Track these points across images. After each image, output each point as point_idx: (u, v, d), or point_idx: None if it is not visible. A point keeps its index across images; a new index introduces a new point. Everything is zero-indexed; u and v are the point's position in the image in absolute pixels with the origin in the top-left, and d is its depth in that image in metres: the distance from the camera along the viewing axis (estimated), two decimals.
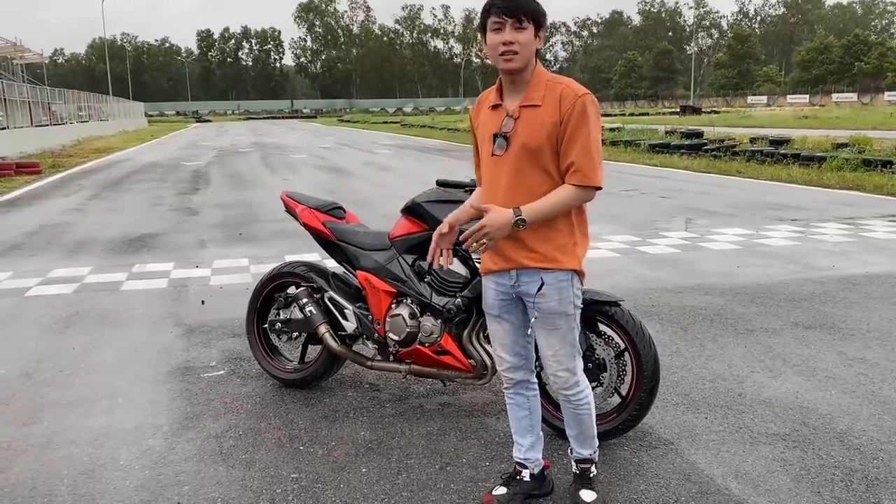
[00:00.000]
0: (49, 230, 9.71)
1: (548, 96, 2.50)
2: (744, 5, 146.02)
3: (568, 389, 2.71)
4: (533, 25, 2.47)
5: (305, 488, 3.03)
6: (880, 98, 71.69)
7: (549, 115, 2.48)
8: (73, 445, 3.45)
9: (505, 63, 2.48)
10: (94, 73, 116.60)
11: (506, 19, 2.44)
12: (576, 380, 2.70)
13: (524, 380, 2.84)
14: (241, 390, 4.09)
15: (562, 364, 2.67)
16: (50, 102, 37.15)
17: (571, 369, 2.68)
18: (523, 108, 2.52)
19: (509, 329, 2.75)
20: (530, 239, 2.54)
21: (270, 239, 8.67)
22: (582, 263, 2.62)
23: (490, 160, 2.60)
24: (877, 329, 4.93)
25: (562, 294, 2.58)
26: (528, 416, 2.88)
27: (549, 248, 2.55)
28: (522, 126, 2.52)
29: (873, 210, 10.07)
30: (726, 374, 4.19)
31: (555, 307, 2.59)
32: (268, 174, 17.61)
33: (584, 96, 2.47)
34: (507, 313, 2.72)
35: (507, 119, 2.55)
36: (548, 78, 2.54)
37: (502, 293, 2.68)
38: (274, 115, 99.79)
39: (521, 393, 2.86)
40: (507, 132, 2.54)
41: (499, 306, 2.71)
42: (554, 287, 2.57)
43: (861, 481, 3.00)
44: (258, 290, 4.20)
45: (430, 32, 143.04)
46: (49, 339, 5.05)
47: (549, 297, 2.58)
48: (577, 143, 2.45)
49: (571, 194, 2.48)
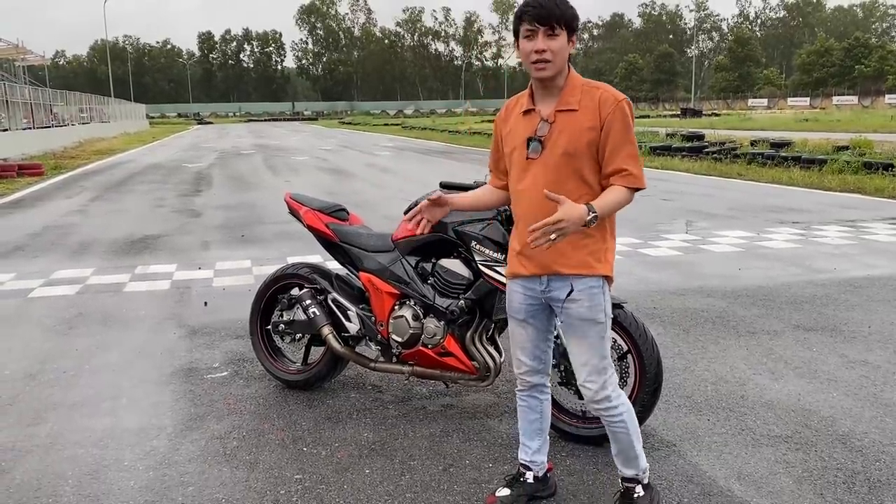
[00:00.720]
0: (52, 231, 9.72)
1: (584, 101, 2.48)
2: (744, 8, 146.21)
3: (598, 403, 2.64)
4: (566, 31, 2.45)
5: (309, 489, 3.04)
6: (881, 101, 71.63)
7: (588, 120, 2.46)
8: (77, 446, 3.46)
9: (537, 72, 2.48)
10: (96, 75, 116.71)
11: (538, 27, 2.43)
12: (606, 394, 2.62)
13: (540, 384, 2.82)
14: (244, 391, 4.11)
15: (591, 375, 2.61)
16: (52, 104, 37.21)
17: (601, 382, 2.61)
18: (559, 113, 2.50)
19: (532, 334, 2.72)
20: (566, 246, 2.47)
21: (273, 240, 8.68)
22: (612, 270, 2.60)
23: (522, 164, 2.57)
24: (878, 331, 4.94)
25: (593, 300, 2.54)
26: (539, 419, 2.87)
27: (583, 253, 2.52)
28: (559, 131, 2.50)
29: (874, 213, 10.07)
30: (728, 377, 4.20)
31: (585, 314, 2.55)
32: (270, 176, 17.63)
33: (623, 101, 2.48)
34: (532, 318, 2.69)
35: (542, 123, 2.53)
36: (583, 82, 2.52)
37: (530, 297, 2.65)
38: (275, 118, 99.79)
39: (535, 396, 2.85)
40: (542, 136, 2.52)
41: (525, 311, 2.68)
42: (585, 293, 2.54)
43: (863, 483, 3.01)
44: (261, 291, 4.22)
45: (431, 35, 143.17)
46: (53, 341, 5.07)
47: (580, 303, 2.54)
48: (623, 147, 2.46)
49: (625, 196, 2.46)
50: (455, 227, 3.40)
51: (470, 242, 3.34)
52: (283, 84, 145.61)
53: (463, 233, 3.37)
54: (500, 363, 3.50)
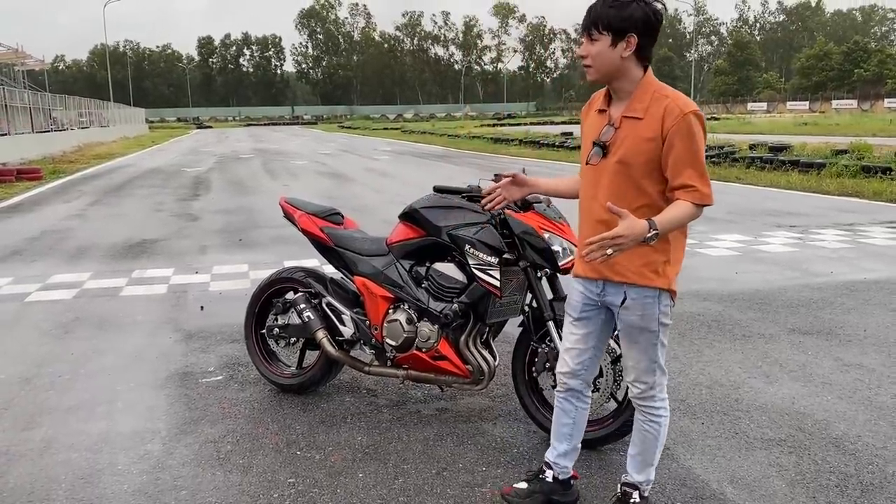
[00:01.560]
0: (50, 236, 9.73)
1: (652, 109, 2.42)
2: (743, 12, 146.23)
3: (643, 401, 2.66)
4: (610, 35, 2.40)
5: (302, 493, 3.04)
6: (880, 105, 71.73)
7: (651, 129, 2.41)
8: (71, 450, 3.46)
9: (586, 76, 2.56)
10: (96, 80, 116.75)
11: (584, 32, 2.48)
12: (652, 394, 2.64)
13: (578, 390, 2.81)
14: (239, 395, 4.11)
15: (639, 377, 2.63)
16: (51, 108, 37.23)
17: (649, 383, 2.63)
18: (625, 119, 2.47)
19: (583, 336, 2.71)
20: (623, 254, 2.41)
21: (270, 245, 8.69)
22: (673, 283, 2.54)
23: (586, 167, 2.58)
24: (874, 335, 4.95)
25: (645, 310, 2.53)
26: (572, 424, 2.85)
27: (638, 263, 2.49)
28: (622, 138, 2.47)
29: (872, 216, 10.08)
30: (723, 380, 4.20)
31: (636, 322, 2.55)
32: (268, 180, 17.65)
33: (690, 114, 2.38)
34: (587, 318, 2.68)
35: (607, 127, 2.52)
36: (655, 89, 2.46)
37: (588, 298, 2.65)
38: (275, 122, 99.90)
39: (570, 401, 2.83)
40: (606, 141, 2.50)
41: (580, 309, 2.68)
42: (638, 302, 2.52)
43: (856, 486, 3.02)
44: (256, 295, 4.22)
45: (430, 39, 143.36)
46: (49, 344, 5.07)
47: (632, 311, 2.54)
48: (686, 161, 2.38)
49: (690, 212, 2.41)
50: (449, 231, 3.40)
51: (464, 246, 3.34)
52: (283, 88, 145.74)
53: (457, 237, 3.38)
54: (494, 367, 3.50)
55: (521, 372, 3.51)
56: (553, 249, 3.24)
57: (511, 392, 3.82)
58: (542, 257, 3.27)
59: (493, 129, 47.07)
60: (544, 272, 3.37)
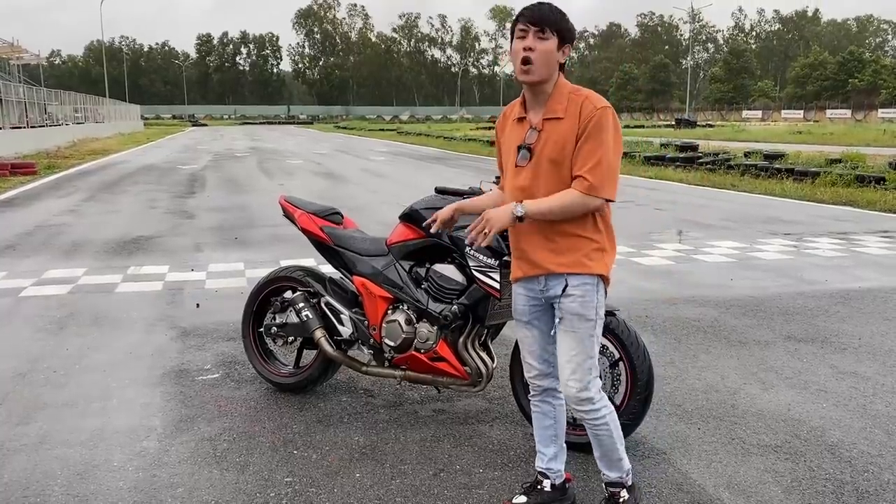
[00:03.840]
0: (44, 231, 9.69)
1: (570, 108, 2.52)
2: (740, 20, 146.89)
3: (580, 404, 2.65)
4: (557, 38, 2.51)
5: (299, 492, 3.04)
6: (874, 115, 72.06)
7: (571, 127, 2.50)
8: (66, 446, 3.44)
9: (522, 74, 2.53)
10: (91, 76, 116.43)
11: (529, 27, 2.51)
12: (588, 395, 2.63)
13: (551, 388, 2.83)
14: (235, 394, 4.10)
15: (575, 373, 2.62)
16: (46, 103, 37.10)
17: (584, 382, 2.62)
18: (546, 121, 2.55)
19: (538, 336, 2.76)
20: (559, 246, 2.57)
21: (266, 243, 8.67)
22: (609, 270, 2.63)
23: (513, 171, 2.64)
24: (868, 343, 4.97)
25: (585, 297, 2.58)
26: (553, 425, 2.88)
27: (578, 255, 2.57)
28: (545, 139, 2.55)
29: (866, 225, 10.13)
30: (719, 386, 4.21)
31: (577, 309, 2.59)
32: (264, 179, 17.62)
33: (604, 108, 2.49)
34: (536, 320, 2.73)
35: (530, 131, 2.59)
36: (570, 90, 2.56)
37: (532, 299, 2.70)
38: (270, 121, 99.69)
39: (548, 401, 2.85)
40: (531, 144, 2.58)
41: (528, 312, 2.73)
42: (579, 289, 2.58)
43: (851, 493, 3.03)
44: (255, 293, 4.21)
45: (427, 41, 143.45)
46: (43, 340, 5.05)
47: (573, 297, 2.58)
48: (588, 152, 2.47)
49: (576, 199, 2.49)
50: (449, 233, 3.40)
51: (464, 248, 3.34)
52: (279, 87, 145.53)
53: (457, 238, 3.38)
54: (492, 369, 3.50)
55: (519, 374, 3.49)
56: None
57: (508, 394, 3.82)
58: None
59: (489, 131, 47.07)
60: None
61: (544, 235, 2.59)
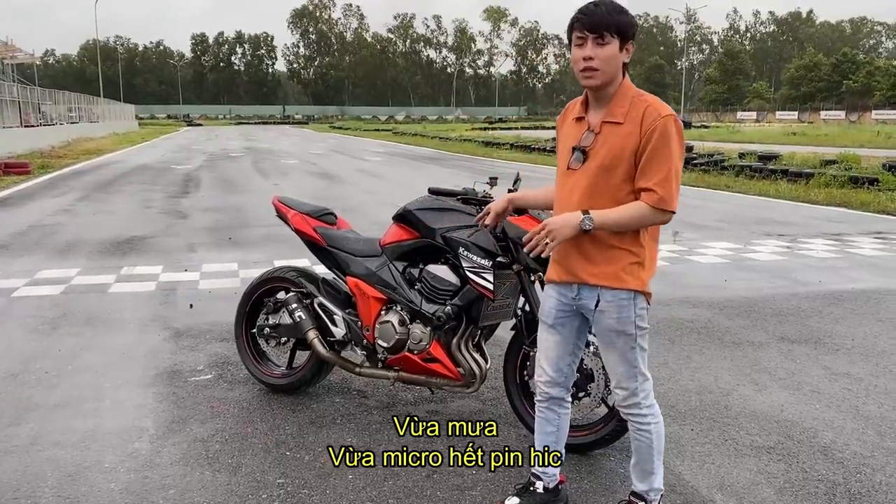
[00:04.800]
0: (37, 231, 9.65)
1: (631, 113, 2.43)
2: (735, 22, 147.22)
3: (627, 409, 2.64)
4: (618, 39, 2.41)
5: (291, 494, 3.03)
6: (868, 116, 72.36)
7: (631, 133, 2.41)
8: (58, 447, 3.43)
9: (585, 80, 2.45)
10: (86, 75, 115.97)
11: (587, 34, 2.40)
12: (635, 401, 2.61)
13: (559, 397, 2.79)
14: (228, 395, 4.08)
15: (620, 382, 2.61)
16: (40, 103, 36.97)
17: (631, 390, 2.60)
18: (605, 124, 2.47)
19: (559, 342, 2.71)
20: (596, 256, 2.50)
21: (260, 243, 8.65)
22: (647, 285, 2.56)
23: (565, 173, 2.58)
24: (861, 344, 4.98)
25: (621, 313, 2.52)
26: (555, 432, 2.85)
27: (614, 267, 2.50)
28: (602, 142, 2.47)
29: (860, 227, 10.16)
30: (713, 387, 4.22)
31: (613, 325, 2.54)
32: (259, 179, 17.59)
33: (668, 117, 2.40)
34: (561, 325, 2.68)
35: (587, 133, 2.51)
36: (634, 94, 2.47)
37: (563, 304, 2.65)
38: (265, 121, 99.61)
39: (553, 409, 2.82)
40: (586, 147, 2.50)
41: (555, 316, 2.68)
42: (613, 304, 2.52)
43: (844, 495, 3.03)
44: (247, 294, 4.20)
45: (423, 41, 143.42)
46: (36, 341, 5.02)
47: (608, 314, 2.53)
48: (656, 165, 2.39)
49: (645, 213, 2.41)
50: (443, 233, 3.40)
51: (458, 249, 3.34)
52: (274, 87, 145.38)
53: (451, 239, 3.37)
54: (485, 370, 3.50)
55: (512, 375, 3.51)
56: None
57: (502, 395, 3.82)
58: (535, 261, 3.26)
59: (484, 132, 47.12)
60: (537, 276, 3.37)
61: (583, 244, 2.52)
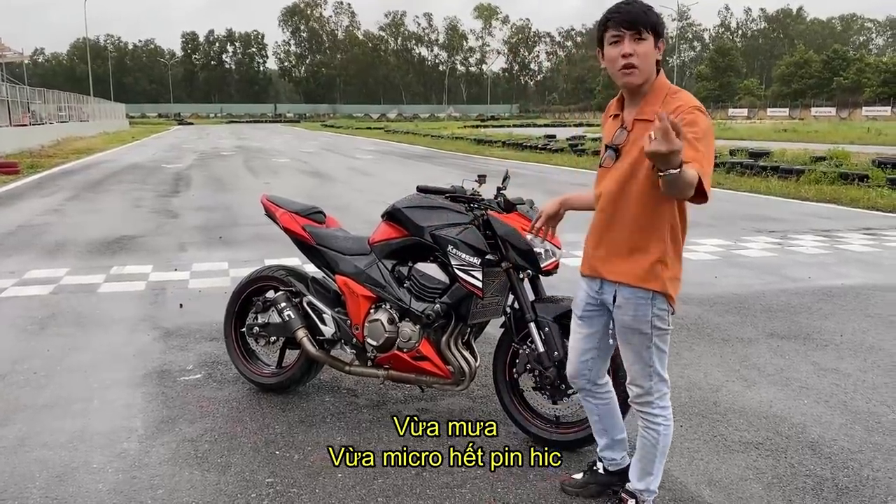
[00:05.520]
0: (26, 231, 9.60)
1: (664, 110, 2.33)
2: (726, 19, 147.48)
3: (639, 406, 2.66)
4: (653, 36, 2.40)
5: (281, 493, 3.02)
6: (858, 113, 72.71)
7: None
8: (45, 448, 3.41)
9: (624, 77, 2.43)
10: (76, 74, 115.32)
11: (624, 31, 2.39)
12: (649, 400, 2.63)
13: (585, 388, 2.85)
14: (217, 394, 4.07)
15: (635, 379, 2.64)
16: (29, 102, 36.76)
17: (645, 388, 2.62)
18: (637, 122, 2.47)
19: (584, 337, 2.75)
20: (617, 253, 2.53)
21: (250, 242, 8.63)
22: (669, 286, 2.53)
23: (599, 171, 2.59)
24: (850, 340, 5.00)
25: (637, 311, 2.53)
26: (598, 420, 2.90)
27: (633, 265, 2.51)
28: (633, 141, 2.46)
29: (849, 223, 10.21)
30: (702, 383, 4.23)
31: (629, 322, 2.56)
32: (250, 178, 17.54)
33: (694, 108, 2.37)
34: (588, 318, 2.72)
35: (620, 131, 2.52)
36: (667, 91, 2.45)
37: (590, 297, 2.69)
38: (257, 119, 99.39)
39: (588, 400, 2.88)
40: (619, 144, 2.50)
41: (583, 308, 2.73)
42: (630, 302, 2.53)
43: (831, 490, 3.05)
44: (236, 293, 4.19)
45: (414, 39, 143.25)
46: (24, 341, 5.00)
47: (625, 311, 2.55)
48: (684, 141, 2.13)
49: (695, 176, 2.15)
50: (432, 231, 3.40)
51: (446, 247, 3.34)
52: (266, 86, 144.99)
53: (440, 237, 3.37)
54: (475, 368, 3.50)
55: (502, 373, 3.51)
56: (535, 251, 3.24)
57: (491, 393, 3.82)
58: (524, 259, 3.27)
59: (477, 130, 47.16)
60: (526, 274, 3.37)
61: (605, 238, 2.55)
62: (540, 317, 3.27)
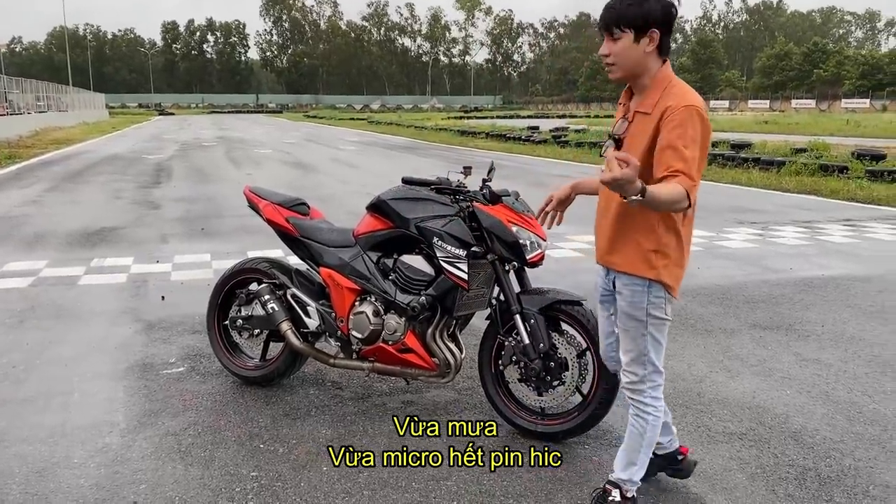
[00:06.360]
0: (4, 222, 9.46)
1: (660, 104, 2.42)
2: (708, 11, 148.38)
3: (631, 393, 2.69)
4: (631, 31, 2.40)
5: (265, 487, 3.00)
6: (837, 105, 73.35)
7: (654, 124, 2.40)
8: (25, 443, 3.37)
9: (608, 75, 2.54)
10: (54, 63, 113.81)
11: (602, 32, 2.49)
12: (641, 388, 2.66)
13: (617, 371, 2.89)
14: (200, 387, 4.04)
15: (629, 366, 2.68)
16: (7, 92, 36.22)
17: (640, 376, 2.66)
18: (637, 114, 2.51)
19: (604, 320, 2.88)
20: (615, 242, 2.59)
21: (233, 234, 8.57)
22: (665, 275, 2.53)
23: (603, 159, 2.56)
24: (831, 331, 5.05)
25: (633, 297, 2.59)
26: None
27: (631, 255, 2.57)
28: (632, 133, 2.50)
29: (829, 214, 10.30)
30: (685, 374, 4.25)
31: (626, 308, 2.62)
32: (231, 169, 17.40)
33: (688, 107, 2.35)
34: (604, 302, 2.82)
35: (621, 121, 2.55)
36: (667, 85, 2.45)
37: (603, 281, 2.77)
38: (239, 110, 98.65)
39: None
40: (618, 134, 2.54)
41: (600, 294, 2.82)
42: (627, 288, 2.60)
43: (814, 479, 3.07)
44: (219, 285, 4.15)
45: (397, 30, 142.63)
46: (3, 335, 4.92)
47: (623, 296, 2.62)
48: (670, 147, 2.32)
49: (678, 192, 2.25)
50: (417, 223, 3.38)
51: (432, 239, 3.32)
52: (247, 76, 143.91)
53: (425, 229, 3.35)
54: (460, 360, 3.49)
55: (488, 365, 3.51)
56: (521, 243, 3.24)
57: (477, 385, 3.82)
58: (509, 251, 3.26)
59: (460, 121, 47.04)
60: (512, 265, 3.36)
61: (602, 226, 2.64)
62: (525, 309, 3.26)
